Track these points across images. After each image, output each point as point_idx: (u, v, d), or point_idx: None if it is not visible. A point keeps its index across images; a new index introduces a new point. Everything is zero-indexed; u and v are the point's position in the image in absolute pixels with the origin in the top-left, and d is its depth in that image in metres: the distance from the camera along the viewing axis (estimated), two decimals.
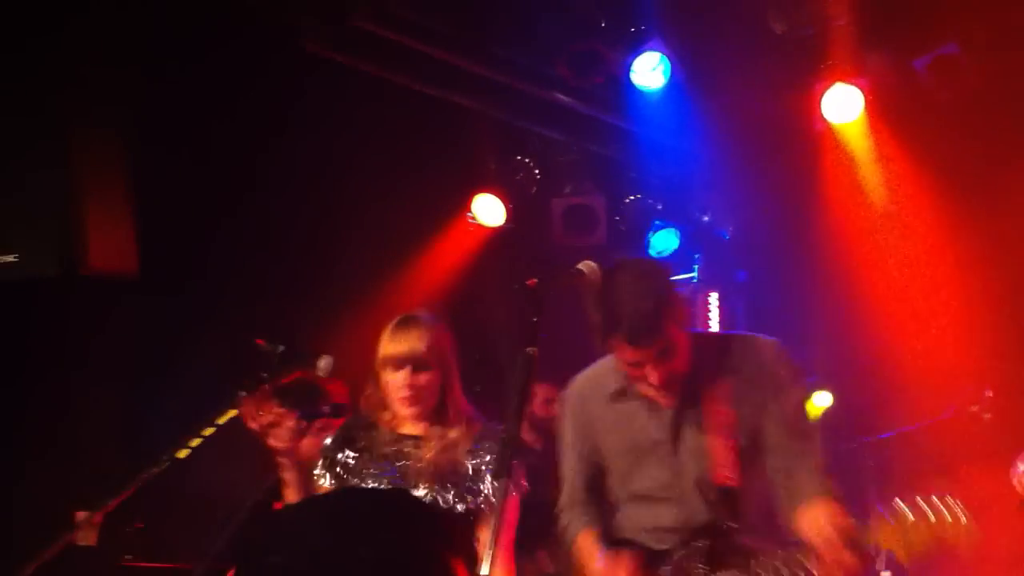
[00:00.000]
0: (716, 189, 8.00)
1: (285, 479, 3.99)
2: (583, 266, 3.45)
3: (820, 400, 7.22)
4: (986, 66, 6.37)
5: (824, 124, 6.84)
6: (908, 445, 6.53)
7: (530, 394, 4.11)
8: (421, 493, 3.91)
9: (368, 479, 3.98)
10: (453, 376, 4.04)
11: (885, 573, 5.37)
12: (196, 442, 3.72)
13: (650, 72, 6.75)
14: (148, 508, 5.84)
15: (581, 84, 7.00)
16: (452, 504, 3.90)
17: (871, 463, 6.37)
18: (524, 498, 3.93)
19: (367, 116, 7.12)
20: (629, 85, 6.82)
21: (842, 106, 6.67)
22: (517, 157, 7.91)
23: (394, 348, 3.97)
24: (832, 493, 3.71)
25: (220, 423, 3.74)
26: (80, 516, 4.50)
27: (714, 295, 8.20)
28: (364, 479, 3.99)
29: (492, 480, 3.86)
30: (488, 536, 3.45)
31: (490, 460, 3.93)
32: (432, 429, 4.00)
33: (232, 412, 3.76)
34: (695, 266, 8.22)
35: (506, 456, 3.23)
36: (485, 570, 3.36)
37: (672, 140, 7.66)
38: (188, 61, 6.37)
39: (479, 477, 3.94)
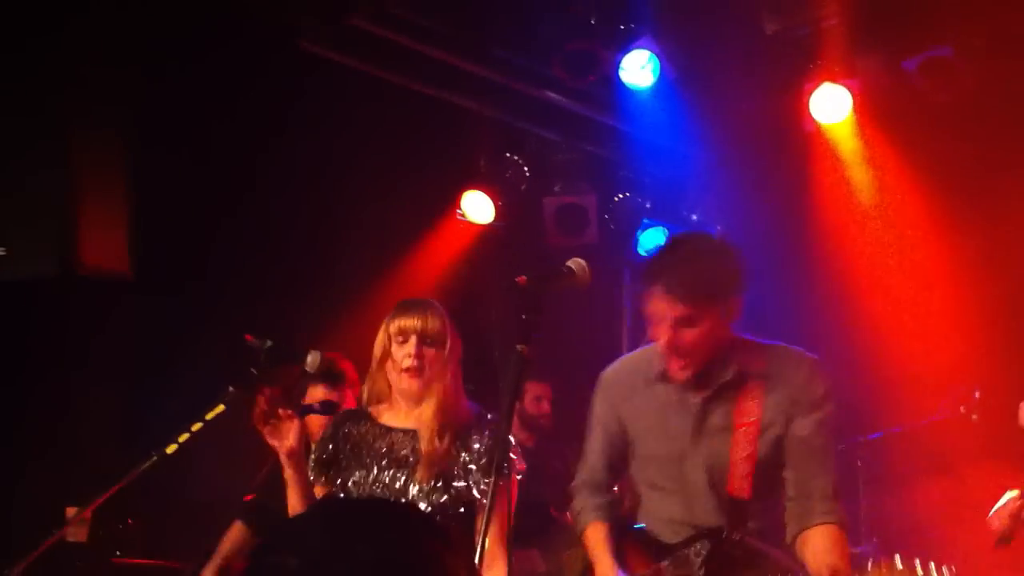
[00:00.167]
0: (705, 188, 8.00)
1: (287, 478, 3.97)
2: (573, 264, 3.44)
3: None
4: (977, 69, 6.38)
5: (814, 124, 6.85)
6: (897, 446, 6.54)
7: (521, 392, 4.12)
8: (415, 487, 3.91)
9: (360, 473, 3.98)
10: (453, 362, 4.05)
11: None
12: (184, 438, 3.71)
13: (639, 70, 6.75)
14: (138, 505, 5.85)
15: (573, 83, 7.01)
16: (446, 495, 3.90)
17: (860, 463, 6.39)
18: (519, 495, 3.94)
19: (360, 115, 7.12)
20: (620, 84, 6.82)
21: (830, 106, 6.68)
22: (507, 155, 7.90)
23: (404, 321, 4.01)
24: (839, 520, 3.72)
25: (209, 419, 3.73)
26: (70, 512, 4.50)
27: None
28: (356, 473, 3.99)
29: (483, 476, 3.86)
30: (489, 531, 3.47)
31: (482, 450, 3.93)
32: (424, 421, 3.99)
33: (220, 408, 3.75)
34: None
35: (497, 454, 3.24)
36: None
37: (662, 139, 7.67)
38: (187, 61, 6.37)
39: (472, 467, 3.93)
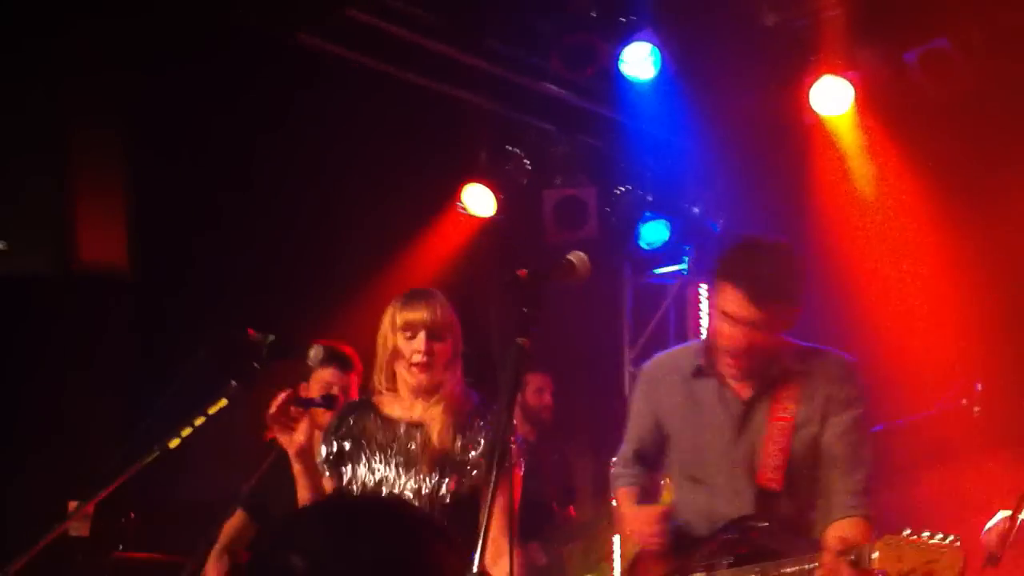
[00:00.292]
0: (706, 181, 8.00)
1: (296, 473, 3.97)
2: (573, 257, 3.45)
3: None
4: (977, 62, 6.37)
5: (814, 117, 6.84)
6: (898, 438, 6.54)
7: (522, 384, 4.13)
8: (420, 478, 3.90)
9: (367, 465, 3.97)
10: (457, 354, 4.04)
11: None
12: (187, 432, 3.71)
13: (640, 62, 6.75)
14: (140, 499, 5.86)
15: (573, 76, 7.00)
16: (452, 489, 3.89)
17: None
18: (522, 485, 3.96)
19: (359, 109, 7.12)
20: (620, 76, 6.82)
21: (831, 99, 6.68)
22: (508, 148, 7.90)
23: (411, 314, 3.97)
24: (865, 514, 3.80)
25: (211, 413, 3.74)
26: (72, 507, 4.50)
27: (704, 287, 8.20)
28: (362, 465, 3.97)
29: (484, 467, 3.85)
30: (494, 524, 3.47)
31: (486, 443, 3.92)
32: (429, 411, 3.98)
33: (223, 402, 3.76)
34: (685, 258, 8.23)
35: (498, 447, 3.24)
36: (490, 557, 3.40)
37: (663, 132, 7.67)
38: (185, 56, 6.36)
39: (477, 460, 3.92)
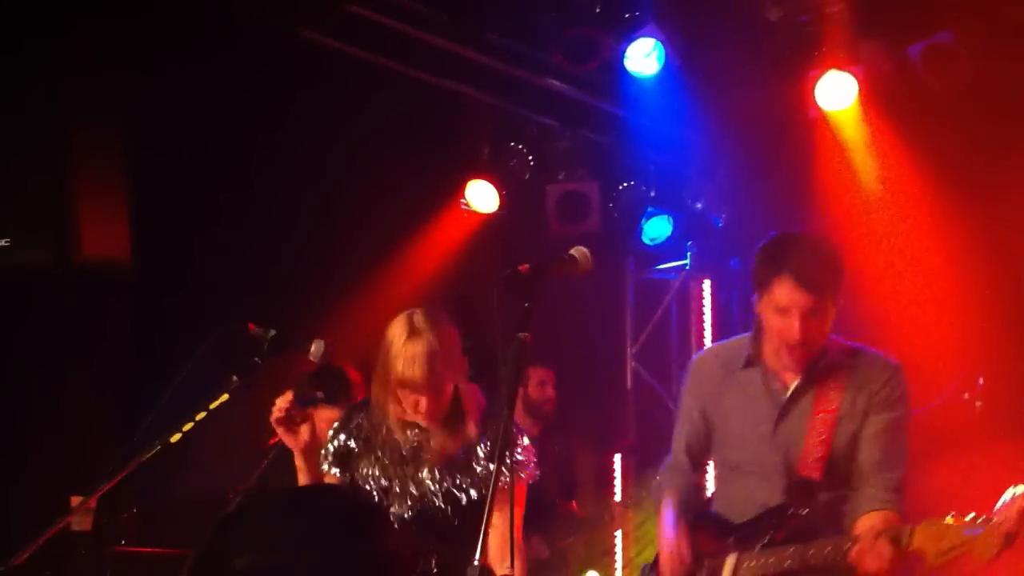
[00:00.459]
0: (710, 176, 8.00)
1: (298, 471, 3.96)
2: (575, 252, 3.45)
3: None
4: (980, 56, 6.37)
5: (818, 111, 6.84)
6: None
7: (523, 379, 4.12)
8: (431, 480, 3.86)
9: (372, 465, 3.92)
10: (463, 373, 3.93)
11: None
12: (188, 426, 3.72)
13: (644, 58, 6.75)
14: (142, 494, 5.86)
15: (575, 70, 7.00)
16: (459, 489, 3.86)
17: None
18: (532, 481, 3.95)
19: (362, 106, 7.12)
20: (623, 71, 6.82)
21: (836, 93, 6.67)
22: (511, 143, 7.90)
23: (410, 372, 3.76)
24: (898, 509, 3.86)
25: (213, 408, 3.74)
26: (75, 501, 4.51)
27: (707, 282, 8.21)
28: (368, 465, 3.92)
29: (489, 465, 3.83)
30: (500, 523, 3.47)
31: (491, 441, 3.88)
32: (439, 416, 3.89)
33: (224, 397, 3.76)
34: (688, 253, 8.23)
35: (500, 443, 3.24)
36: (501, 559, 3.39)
37: (666, 127, 7.66)
38: (186, 50, 6.36)
39: (484, 460, 3.86)
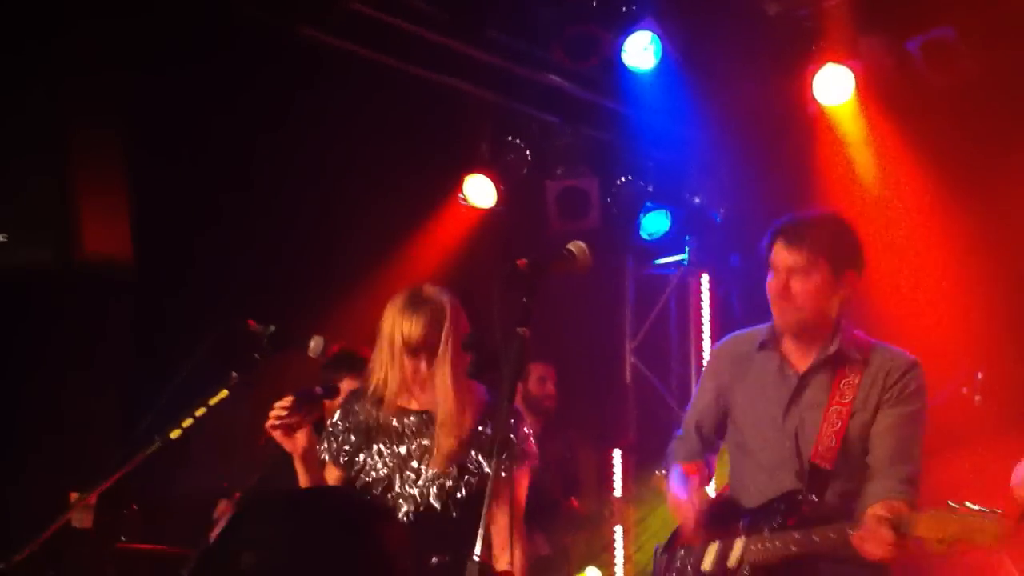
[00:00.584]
0: (708, 171, 8.00)
1: (299, 473, 3.92)
2: (574, 247, 3.45)
3: None
4: (979, 50, 6.37)
5: (816, 106, 6.84)
6: None
7: (522, 375, 4.13)
8: (431, 473, 3.86)
9: (373, 456, 3.93)
10: (464, 347, 3.95)
11: None
12: (188, 423, 3.72)
13: (641, 52, 6.75)
14: (143, 490, 5.86)
15: (575, 67, 7.00)
16: (461, 482, 3.86)
17: None
18: (533, 473, 3.95)
19: (361, 102, 7.11)
20: (622, 67, 6.82)
21: (833, 88, 6.67)
22: (509, 139, 7.90)
23: (410, 331, 3.84)
24: (910, 501, 3.85)
25: (212, 404, 3.74)
26: (75, 498, 4.50)
27: (705, 277, 8.21)
28: (370, 458, 3.93)
29: (488, 460, 3.82)
30: (501, 515, 3.46)
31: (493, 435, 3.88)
32: (439, 405, 3.90)
33: (224, 393, 3.76)
34: (686, 248, 8.23)
35: (499, 436, 3.24)
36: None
37: (664, 122, 7.66)
38: (186, 48, 6.35)
39: (487, 454, 3.86)
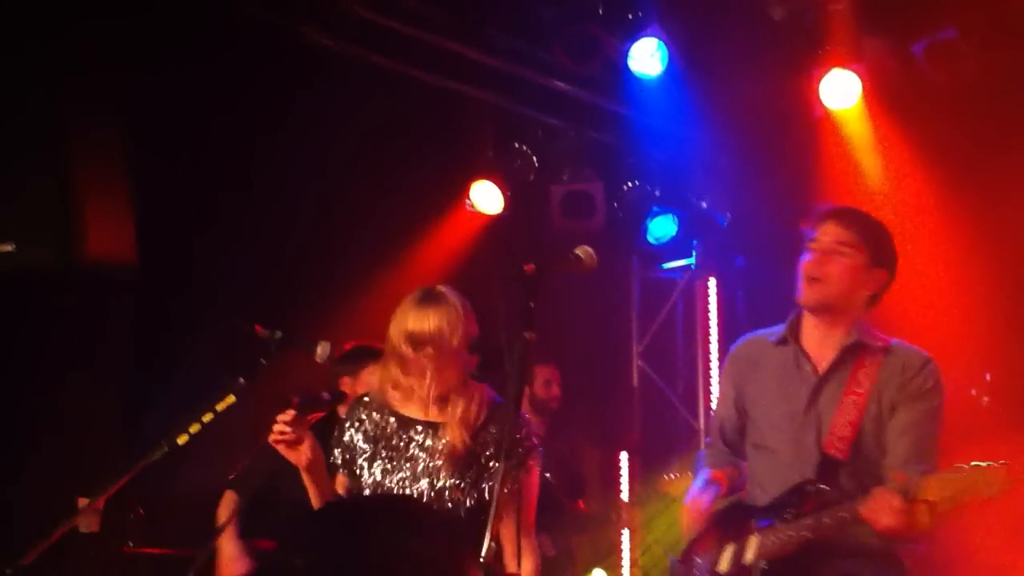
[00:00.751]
0: (714, 175, 8.00)
1: (307, 485, 3.88)
2: (580, 251, 3.46)
3: None
4: (985, 53, 6.36)
5: (822, 110, 6.83)
6: None
7: (528, 378, 4.12)
8: (439, 479, 3.83)
9: (381, 465, 3.89)
10: (471, 350, 3.93)
11: None
12: (195, 428, 3.72)
13: (648, 58, 6.75)
14: (149, 495, 5.87)
15: (579, 70, 7.00)
16: (470, 491, 3.84)
17: None
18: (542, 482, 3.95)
19: (366, 108, 7.12)
20: (627, 71, 6.82)
21: (840, 92, 6.66)
22: (515, 144, 7.90)
23: (420, 324, 3.84)
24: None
25: (219, 409, 3.74)
26: (82, 503, 4.52)
27: (712, 281, 8.21)
28: (376, 465, 3.89)
29: (497, 463, 3.80)
30: (509, 525, 3.47)
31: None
32: (447, 412, 3.88)
33: (231, 398, 3.76)
34: (693, 252, 8.23)
35: (506, 441, 3.25)
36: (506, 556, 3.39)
37: (670, 126, 7.66)
38: (188, 51, 6.36)
39: (494, 461, 3.83)
